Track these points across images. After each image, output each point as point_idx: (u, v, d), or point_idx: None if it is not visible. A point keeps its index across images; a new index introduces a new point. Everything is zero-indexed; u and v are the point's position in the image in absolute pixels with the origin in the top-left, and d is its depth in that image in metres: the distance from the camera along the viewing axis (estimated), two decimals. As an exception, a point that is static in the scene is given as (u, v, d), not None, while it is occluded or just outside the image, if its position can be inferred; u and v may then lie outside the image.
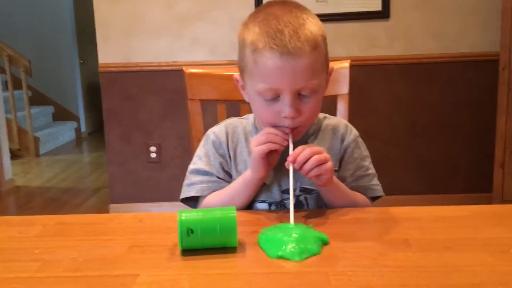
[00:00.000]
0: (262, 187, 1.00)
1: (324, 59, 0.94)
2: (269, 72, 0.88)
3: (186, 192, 1.02)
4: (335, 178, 0.95)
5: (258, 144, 0.90)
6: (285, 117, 0.90)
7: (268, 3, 0.96)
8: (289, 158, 0.87)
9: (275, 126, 0.93)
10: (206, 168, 1.02)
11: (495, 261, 0.69)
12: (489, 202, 2.71)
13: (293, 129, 0.92)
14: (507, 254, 0.71)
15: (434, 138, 2.99)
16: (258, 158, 0.90)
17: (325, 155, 0.88)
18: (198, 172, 1.03)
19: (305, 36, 0.88)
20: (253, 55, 0.90)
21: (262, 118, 0.96)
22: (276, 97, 0.90)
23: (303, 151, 0.87)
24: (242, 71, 0.97)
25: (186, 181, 1.04)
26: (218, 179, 1.02)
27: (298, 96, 0.90)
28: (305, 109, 0.91)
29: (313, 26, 0.90)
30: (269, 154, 0.91)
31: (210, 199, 1.00)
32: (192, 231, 0.72)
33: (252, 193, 0.98)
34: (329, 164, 0.88)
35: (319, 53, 0.91)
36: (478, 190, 2.98)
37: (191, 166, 1.04)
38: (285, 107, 0.89)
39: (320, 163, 0.87)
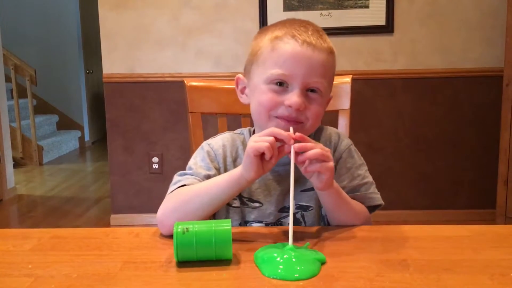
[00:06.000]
0: (257, 208, 0.98)
1: (332, 75, 0.96)
2: (286, 57, 0.89)
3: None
4: (335, 184, 0.90)
5: (258, 140, 0.82)
6: (290, 106, 0.88)
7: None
8: (295, 144, 0.81)
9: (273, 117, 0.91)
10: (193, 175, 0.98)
11: (494, 284, 0.67)
12: (493, 218, 2.68)
13: (294, 123, 0.89)
14: (507, 278, 0.69)
15: (438, 153, 2.98)
16: (251, 154, 0.82)
17: (330, 154, 0.85)
18: (185, 174, 0.99)
19: (325, 39, 0.93)
20: (271, 42, 0.92)
21: (262, 104, 0.92)
22: (284, 88, 0.90)
23: (310, 143, 0.83)
24: (250, 64, 0.96)
25: (171, 184, 0.99)
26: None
27: (305, 93, 0.90)
28: (310, 107, 0.90)
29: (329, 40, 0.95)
30: (264, 157, 0.83)
31: (183, 187, 0.94)
32: (187, 244, 0.73)
33: (234, 193, 0.90)
34: (331, 164, 0.84)
35: (333, 60, 0.94)
36: (482, 206, 2.96)
37: (178, 172, 1.01)
38: (292, 96, 0.89)
39: (323, 159, 0.83)
